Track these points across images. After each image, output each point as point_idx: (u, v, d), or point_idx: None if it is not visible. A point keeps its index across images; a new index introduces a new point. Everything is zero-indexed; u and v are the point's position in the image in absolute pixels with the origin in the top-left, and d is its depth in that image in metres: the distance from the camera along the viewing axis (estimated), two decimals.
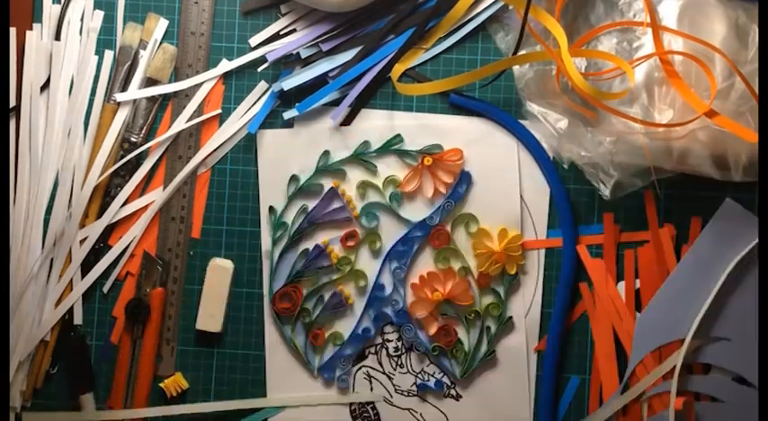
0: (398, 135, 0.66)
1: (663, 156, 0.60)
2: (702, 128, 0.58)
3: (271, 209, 0.66)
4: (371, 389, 0.66)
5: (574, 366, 0.66)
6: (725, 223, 0.64)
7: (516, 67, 0.65)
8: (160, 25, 0.68)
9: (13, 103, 0.67)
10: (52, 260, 0.67)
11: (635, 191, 0.62)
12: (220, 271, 0.66)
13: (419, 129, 0.66)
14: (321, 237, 0.67)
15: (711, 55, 0.59)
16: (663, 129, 0.59)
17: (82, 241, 0.67)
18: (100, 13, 0.68)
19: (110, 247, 0.68)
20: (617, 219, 0.65)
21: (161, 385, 0.66)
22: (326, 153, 0.66)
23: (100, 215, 0.67)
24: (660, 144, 0.60)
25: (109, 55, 0.68)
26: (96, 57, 0.68)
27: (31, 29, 0.68)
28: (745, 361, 0.62)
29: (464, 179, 0.65)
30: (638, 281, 0.65)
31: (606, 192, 0.62)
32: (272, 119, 0.67)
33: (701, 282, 0.63)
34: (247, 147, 0.67)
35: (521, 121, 0.65)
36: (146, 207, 0.68)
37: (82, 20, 0.68)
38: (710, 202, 0.64)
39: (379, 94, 0.67)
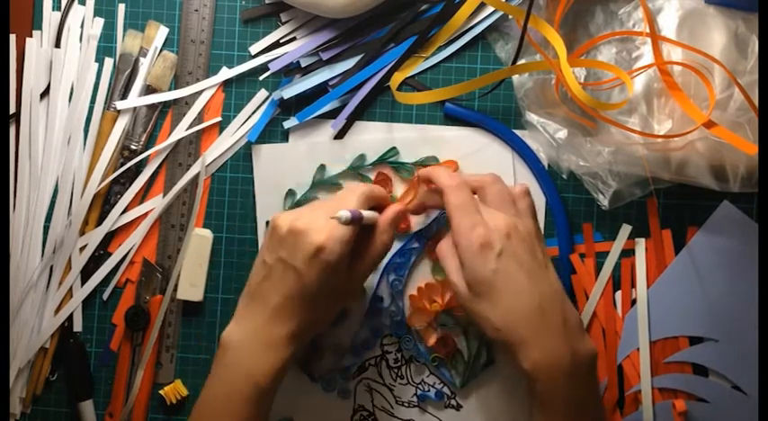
0: (394, 148, 0.66)
1: (661, 166, 0.60)
2: (701, 139, 0.58)
3: (267, 224, 0.66)
4: (372, 401, 0.66)
5: None
6: (721, 225, 0.64)
7: (516, 77, 0.65)
8: (160, 33, 0.68)
9: (12, 109, 0.67)
10: (52, 267, 0.67)
11: (633, 200, 0.63)
12: (201, 240, 0.67)
13: (415, 140, 0.66)
14: None
15: (710, 66, 0.59)
16: (661, 140, 0.59)
17: (82, 248, 0.67)
18: (100, 21, 0.68)
19: (109, 255, 0.68)
20: (613, 229, 0.65)
21: (161, 392, 0.67)
22: (322, 167, 0.66)
23: (100, 222, 0.67)
24: (659, 154, 0.60)
25: (109, 62, 0.68)
26: (96, 64, 0.68)
27: (30, 36, 0.68)
28: (731, 363, 0.63)
29: None
30: (633, 290, 0.65)
31: (605, 201, 0.62)
32: (272, 127, 0.67)
33: (692, 282, 0.64)
34: (247, 155, 0.67)
35: (516, 131, 0.66)
36: (145, 214, 0.68)
37: (82, 27, 0.68)
38: (708, 212, 0.64)
39: (378, 102, 0.67)
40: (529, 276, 0.54)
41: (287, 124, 0.66)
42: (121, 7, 0.68)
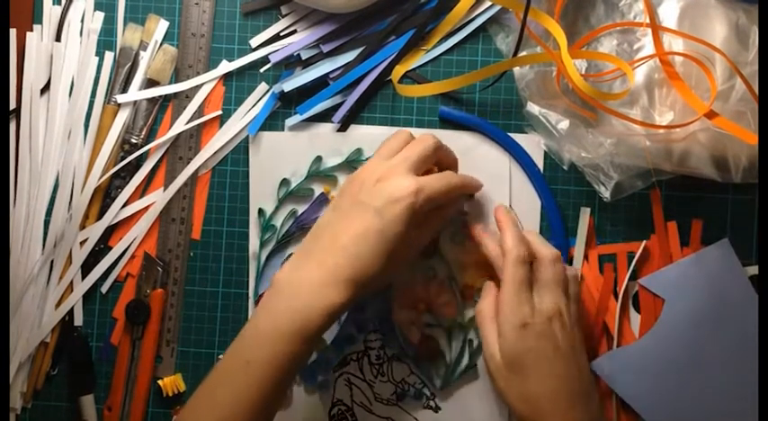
0: None
1: (663, 157, 0.60)
2: (703, 129, 0.58)
3: (260, 211, 0.66)
4: (351, 396, 0.66)
5: None
6: (709, 263, 0.63)
7: (516, 69, 0.65)
8: (160, 26, 0.68)
9: (13, 105, 0.67)
10: (52, 261, 0.67)
11: (635, 192, 0.63)
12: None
13: None
14: None
15: (712, 56, 0.59)
16: (663, 131, 0.59)
17: (82, 243, 0.67)
18: (100, 15, 0.68)
19: (110, 249, 0.67)
20: (616, 221, 0.65)
21: (159, 382, 0.66)
22: (318, 158, 0.66)
23: (100, 216, 0.67)
24: (660, 146, 0.60)
25: (109, 56, 0.68)
26: (97, 58, 0.68)
27: (31, 30, 0.68)
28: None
29: None
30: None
31: (606, 193, 0.62)
32: (272, 120, 0.67)
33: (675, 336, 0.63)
34: (248, 148, 0.67)
35: (512, 135, 0.65)
36: (146, 208, 0.67)
37: (82, 21, 0.68)
38: (711, 204, 0.64)
39: (379, 96, 0.67)
40: (564, 360, 0.57)
41: (290, 122, 0.66)
42: (122, 1, 0.68)
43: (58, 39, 0.67)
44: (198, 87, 0.67)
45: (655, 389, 0.62)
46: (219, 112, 0.67)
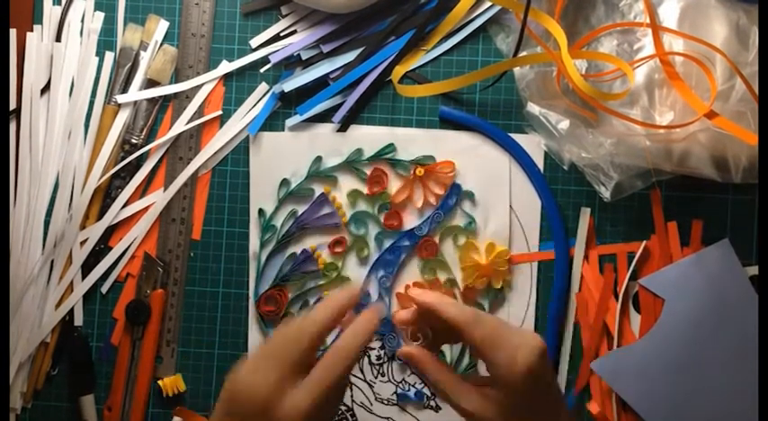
0: (391, 144, 0.66)
1: (663, 157, 0.60)
2: (703, 130, 0.58)
3: (260, 211, 0.66)
4: (351, 396, 0.66)
5: (571, 381, 0.65)
6: (710, 264, 0.63)
7: (517, 69, 0.65)
8: (161, 27, 0.68)
9: (13, 105, 0.67)
10: (53, 262, 0.67)
11: (635, 192, 0.63)
12: None
13: (413, 139, 0.66)
14: (309, 242, 0.66)
15: (712, 57, 0.59)
16: (663, 131, 0.59)
17: (82, 243, 0.67)
18: (100, 15, 0.68)
19: (110, 249, 0.67)
20: (616, 221, 0.65)
21: (159, 382, 0.66)
22: (319, 158, 0.66)
23: (100, 217, 0.67)
24: (660, 146, 0.60)
25: (109, 56, 0.68)
26: (97, 58, 0.68)
27: (31, 30, 0.68)
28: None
29: (454, 191, 0.65)
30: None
31: (606, 193, 0.62)
32: (272, 120, 0.67)
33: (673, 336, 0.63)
34: (248, 148, 0.67)
35: (513, 135, 0.65)
36: (146, 208, 0.68)
37: (82, 21, 0.68)
38: (711, 204, 0.64)
39: (379, 96, 0.67)
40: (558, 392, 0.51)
41: (290, 122, 0.66)
42: (122, 1, 0.68)
43: (58, 39, 0.67)
44: (198, 87, 0.67)
45: (655, 389, 0.62)
46: (219, 113, 0.67)
